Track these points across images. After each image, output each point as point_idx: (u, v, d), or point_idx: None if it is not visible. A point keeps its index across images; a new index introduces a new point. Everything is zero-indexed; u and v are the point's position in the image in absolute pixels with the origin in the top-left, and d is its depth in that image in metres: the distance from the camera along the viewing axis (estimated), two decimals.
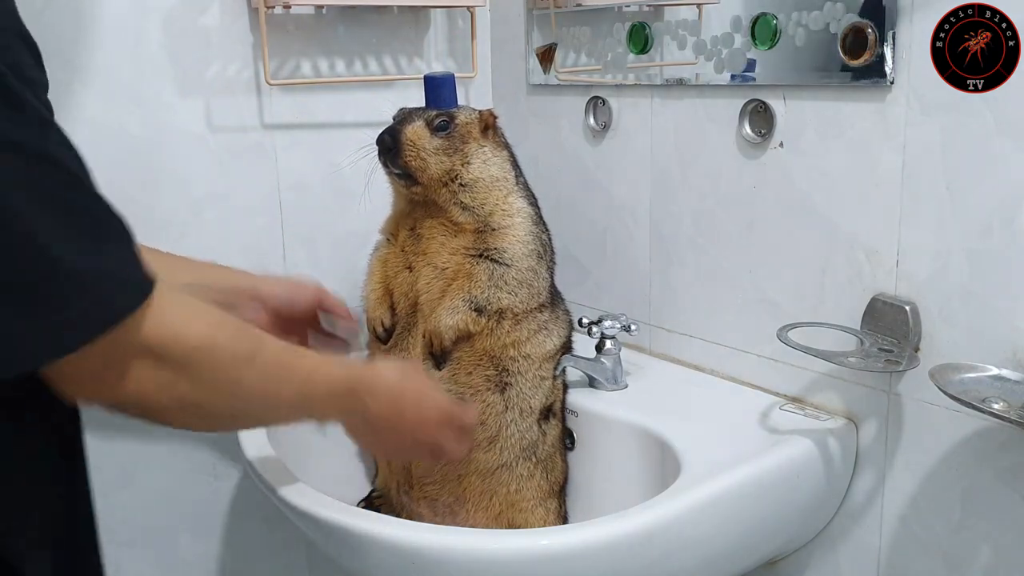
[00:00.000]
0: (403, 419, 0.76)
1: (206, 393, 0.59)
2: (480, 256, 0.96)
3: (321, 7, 1.19)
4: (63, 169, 0.50)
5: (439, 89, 0.97)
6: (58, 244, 0.49)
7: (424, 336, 0.98)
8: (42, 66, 0.54)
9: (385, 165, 0.96)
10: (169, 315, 0.54)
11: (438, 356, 0.97)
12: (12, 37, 0.51)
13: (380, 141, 0.95)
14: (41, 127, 0.50)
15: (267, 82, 1.14)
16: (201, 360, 0.57)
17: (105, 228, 0.52)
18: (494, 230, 0.97)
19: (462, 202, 0.97)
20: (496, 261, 0.96)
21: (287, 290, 0.89)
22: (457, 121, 0.96)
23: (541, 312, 1.00)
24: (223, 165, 1.15)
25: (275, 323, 0.87)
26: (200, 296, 0.77)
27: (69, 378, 0.53)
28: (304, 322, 0.91)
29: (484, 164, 0.97)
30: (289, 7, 1.13)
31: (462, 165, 0.96)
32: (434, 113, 0.96)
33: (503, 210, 0.98)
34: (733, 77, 0.99)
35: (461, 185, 0.96)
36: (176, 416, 0.59)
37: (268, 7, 1.11)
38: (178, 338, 0.55)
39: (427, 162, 0.95)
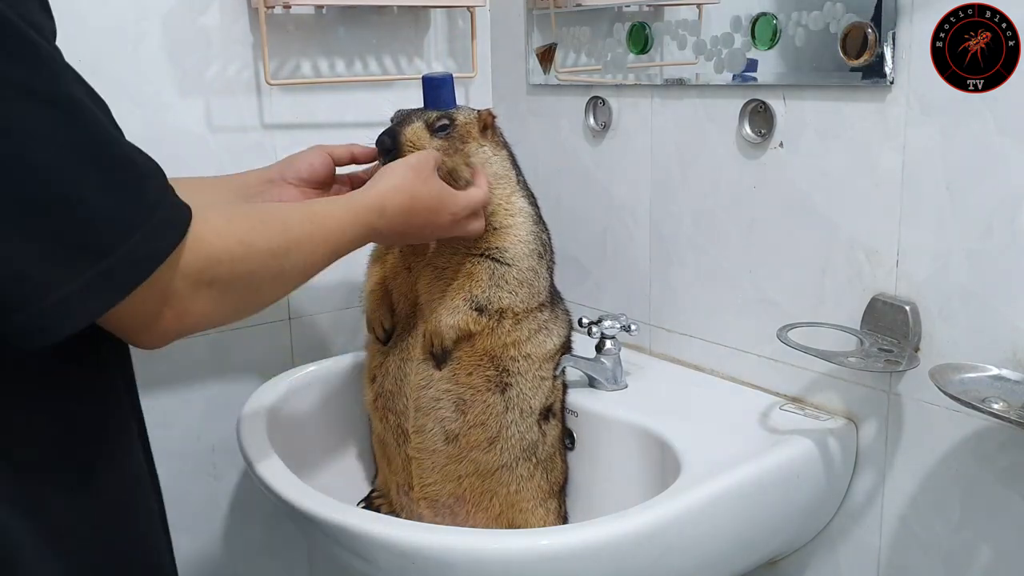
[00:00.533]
0: (419, 229, 0.86)
1: (257, 292, 0.66)
2: (480, 255, 0.96)
3: (321, 7, 1.19)
4: (84, 113, 0.51)
5: (438, 90, 0.97)
6: (91, 193, 0.50)
7: (424, 336, 0.98)
8: (50, 13, 0.55)
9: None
10: (207, 241, 0.57)
11: (438, 356, 0.97)
12: None
13: (380, 142, 0.94)
14: (58, 72, 0.51)
15: (267, 82, 1.14)
16: (245, 270, 0.62)
17: (134, 167, 0.54)
18: (495, 229, 0.97)
19: None
20: (497, 260, 0.96)
21: (300, 168, 0.95)
22: (456, 121, 0.96)
23: (541, 312, 1.00)
24: (223, 165, 1.14)
25: (305, 194, 0.94)
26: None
27: (131, 324, 0.56)
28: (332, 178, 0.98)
29: (484, 164, 0.97)
30: (289, 7, 1.13)
31: (463, 165, 0.96)
32: (433, 114, 0.96)
33: (504, 209, 0.98)
34: (733, 77, 0.99)
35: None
36: (235, 317, 0.65)
37: (268, 7, 1.11)
38: (220, 260, 0.59)
39: None
